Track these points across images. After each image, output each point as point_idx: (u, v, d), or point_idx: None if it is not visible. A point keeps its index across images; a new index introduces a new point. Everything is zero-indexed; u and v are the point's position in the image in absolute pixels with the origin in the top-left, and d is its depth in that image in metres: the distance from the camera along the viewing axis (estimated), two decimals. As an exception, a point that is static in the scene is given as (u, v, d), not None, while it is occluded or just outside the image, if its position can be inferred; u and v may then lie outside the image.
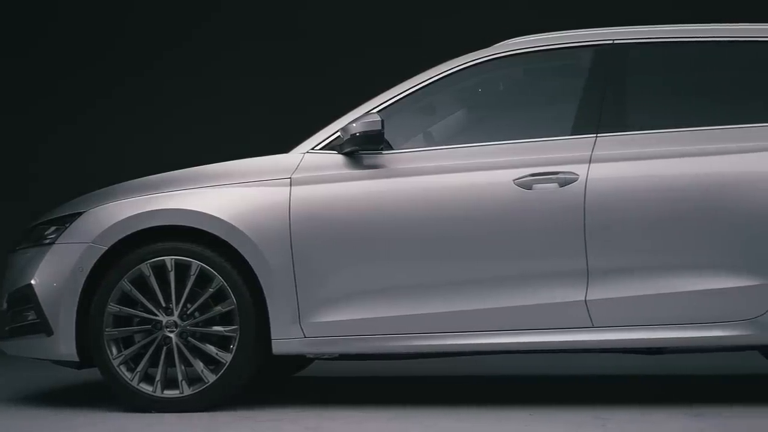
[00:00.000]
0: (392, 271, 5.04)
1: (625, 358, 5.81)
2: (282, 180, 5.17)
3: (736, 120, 5.09)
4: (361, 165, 5.17)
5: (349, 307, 5.06)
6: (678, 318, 4.93)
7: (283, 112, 9.00)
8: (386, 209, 5.07)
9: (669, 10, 8.49)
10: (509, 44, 5.39)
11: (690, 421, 4.74)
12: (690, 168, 4.99)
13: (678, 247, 4.93)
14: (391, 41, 9.05)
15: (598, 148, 5.06)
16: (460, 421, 4.88)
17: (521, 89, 5.54)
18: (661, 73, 5.34)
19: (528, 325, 5.00)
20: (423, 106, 5.36)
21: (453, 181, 5.08)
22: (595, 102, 5.15)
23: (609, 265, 4.94)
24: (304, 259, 5.07)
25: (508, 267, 5.00)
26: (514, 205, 5.02)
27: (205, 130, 9.15)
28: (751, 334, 4.92)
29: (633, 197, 4.97)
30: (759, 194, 4.93)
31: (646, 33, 5.30)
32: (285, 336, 5.09)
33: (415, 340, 5.05)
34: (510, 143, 5.15)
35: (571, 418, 4.86)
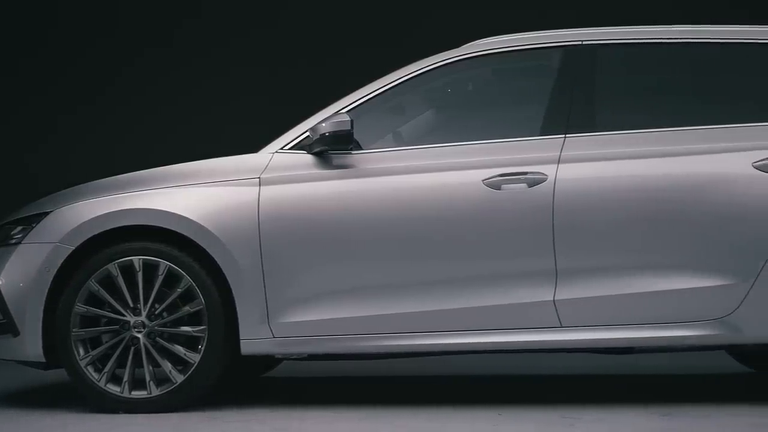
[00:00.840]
0: (361, 272, 5.04)
1: (594, 358, 5.84)
2: (251, 180, 5.16)
3: (704, 121, 5.12)
4: (330, 165, 5.16)
5: (319, 307, 5.06)
6: (646, 318, 4.96)
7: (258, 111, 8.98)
8: (355, 209, 5.07)
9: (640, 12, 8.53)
10: (479, 45, 5.40)
11: (658, 421, 4.76)
12: (658, 168, 5.01)
13: (646, 248, 4.96)
14: (363, 41, 9.04)
15: (567, 149, 5.08)
16: (429, 421, 4.88)
17: (490, 89, 5.55)
18: (630, 74, 5.36)
19: (497, 325, 5.01)
20: (392, 106, 5.36)
21: (422, 181, 5.08)
22: (564, 102, 5.17)
23: (577, 265, 4.96)
24: (273, 259, 5.06)
25: (476, 267, 5.01)
26: (483, 206, 5.03)
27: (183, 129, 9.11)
28: (718, 334, 4.95)
29: (601, 198, 4.99)
30: (726, 195, 4.96)
31: (614, 34, 5.32)
32: (254, 336, 5.08)
33: (384, 340, 5.05)
34: (479, 143, 5.16)
35: (539, 418, 4.87)
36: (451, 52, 5.37)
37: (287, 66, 9.09)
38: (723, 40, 5.24)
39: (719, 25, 5.33)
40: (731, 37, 5.24)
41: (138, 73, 9.27)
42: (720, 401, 5.17)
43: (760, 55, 5.22)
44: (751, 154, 5.00)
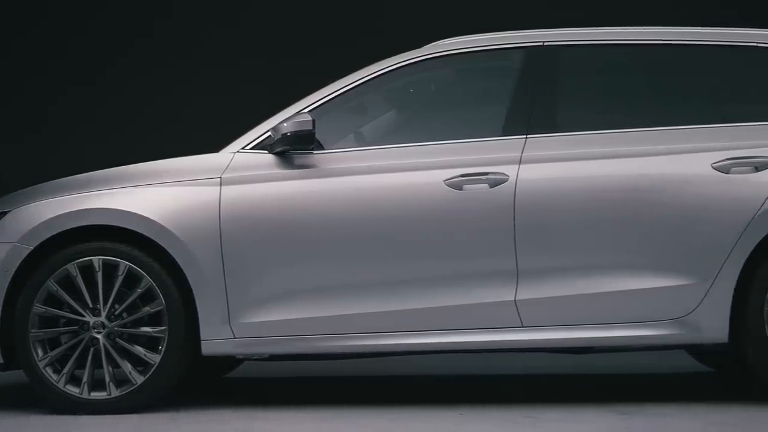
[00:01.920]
0: (323, 272, 5.03)
1: (555, 358, 5.86)
2: (212, 180, 5.14)
3: (664, 122, 5.16)
4: (291, 165, 5.15)
5: (280, 307, 5.05)
6: (606, 318, 4.98)
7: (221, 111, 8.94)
8: (317, 209, 5.06)
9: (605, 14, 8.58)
10: (441, 45, 5.41)
11: (617, 420, 4.79)
12: (619, 169, 5.04)
13: (606, 248, 4.99)
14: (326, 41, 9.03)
15: (528, 149, 5.10)
16: (392, 421, 4.88)
17: (453, 90, 5.56)
18: (592, 75, 5.39)
19: (458, 324, 5.02)
20: (354, 106, 5.36)
21: (384, 181, 5.08)
22: (526, 103, 5.19)
23: (538, 266, 4.98)
24: (235, 260, 5.05)
25: (438, 267, 5.02)
26: (445, 206, 5.04)
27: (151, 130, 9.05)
28: (677, 334, 4.98)
29: (562, 198, 5.01)
30: (686, 195, 4.99)
31: (576, 35, 5.35)
32: (214, 337, 5.06)
33: (346, 340, 5.04)
34: (441, 144, 5.17)
35: (501, 417, 4.88)
36: (413, 52, 5.37)
37: (249, 66, 9.06)
38: (684, 42, 5.28)
39: (680, 27, 5.37)
40: (692, 39, 5.28)
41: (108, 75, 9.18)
42: (679, 401, 5.21)
43: (720, 57, 5.26)
44: (710, 155, 5.04)
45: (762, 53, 5.21)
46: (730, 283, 4.94)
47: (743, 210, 4.95)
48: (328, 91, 5.30)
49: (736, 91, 5.27)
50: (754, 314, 4.95)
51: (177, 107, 9.09)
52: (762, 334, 4.94)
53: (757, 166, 5.00)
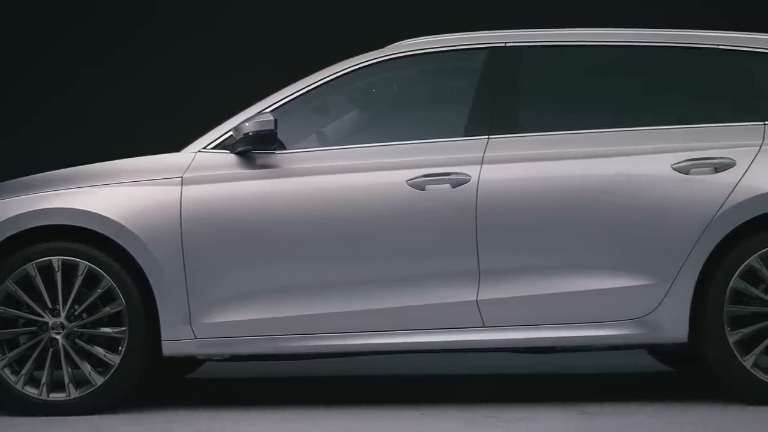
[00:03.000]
0: (284, 272, 5.02)
1: (516, 357, 5.87)
2: (173, 179, 5.11)
3: (625, 123, 5.18)
4: (253, 165, 5.13)
5: (241, 307, 5.03)
6: (567, 317, 5.01)
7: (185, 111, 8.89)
8: (278, 209, 5.05)
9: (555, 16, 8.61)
10: (404, 45, 5.41)
11: (578, 420, 4.81)
12: (580, 170, 5.06)
13: (568, 248, 5.01)
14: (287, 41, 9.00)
15: (490, 150, 5.11)
16: (354, 421, 4.88)
17: (415, 90, 5.56)
18: (554, 76, 5.41)
19: (421, 324, 5.03)
20: (317, 106, 5.35)
21: (346, 182, 5.08)
22: (488, 104, 5.20)
23: (500, 266, 5.00)
24: (196, 260, 5.02)
25: (401, 267, 5.02)
26: (408, 206, 5.04)
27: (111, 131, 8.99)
28: (638, 333, 5.01)
29: (524, 198, 5.03)
30: (647, 196, 5.02)
31: (538, 36, 5.37)
32: (175, 337, 5.03)
33: (308, 340, 5.04)
34: (403, 144, 5.17)
35: (463, 417, 4.89)
36: (376, 52, 5.37)
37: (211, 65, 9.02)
38: (644, 43, 5.31)
39: (641, 29, 5.39)
40: (653, 41, 5.31)
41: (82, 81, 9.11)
42: (639, 400, 5.23)
43: (681, 58, 5.29)
44: (670, 156, 5.07)
45: (721, 55, 5.25)
46: (690, 284, 4.98)
47: (703, 211, 4.99)
48: (290, 90, 5.28)
49: (697, 93, 5.31)
50: (714, 314, 4.98)
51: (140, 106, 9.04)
52: (721, 334, 4.98)
53: (716, 167, 5.04)
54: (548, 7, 8.69)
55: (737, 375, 4.98)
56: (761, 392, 4.97)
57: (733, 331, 4.98)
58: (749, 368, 4.97)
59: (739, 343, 4.98)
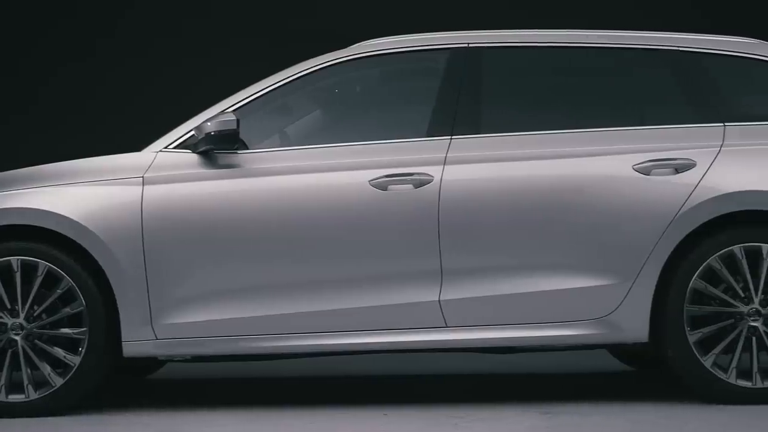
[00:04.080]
0: (246, 272, 5.00)
1: (479, 357, 5.89)
2: (134, 179, 5.08)
3: (587, 124, 5.21)
4: (215, 164, 5.11)
5: (203, 308, 5.01)
6: (529, 317, 5.02)
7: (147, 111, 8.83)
8: (240, 209, 5.03)
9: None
10: (367, 45, 5.41)
11: (538, 419, 4.82)
12: (542, 170, 5.08)
13: (529, 248, 5.02)
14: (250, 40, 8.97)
15: (453, 150, 5.12)
16: (316, 422, 4.87)
17: (378, 90, 5.56)
18: (516, 77, 5.42)
19: (383, 325, 5.03)
20: (279, 106, 5.33)
21: (309, 182, 5.07)
22: (451, 104, 5.21)
23: (462, 266, 5.00)
24: (157, 260, 5.00)
25: (364, 267, 5.02)
26: (370, 206, 5.04)
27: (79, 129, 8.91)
28: (599, 333, 5.04)
29: (486, 199, 5.04)
30: (608, 197, 5.05)
31: (500, 37, 5.38)
32: (136, 338, 5.00)
33: (270, 341, 5.02)
34: (366, 144, 5.17)
35: (425, 417, 4.90)
36: (339, 52, 5.36)
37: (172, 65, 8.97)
38: (606, 44, 5.33)
39: (603, 31, 5.42)
40: (614, 42, 5.34)
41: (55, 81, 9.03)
42: (600, 399, 5.26)
43: (642, 60, 5.33)
44: (631, 157, 5.10)
45: (682, 56, 5.29)
46: (650, 284, 5.01)
47: (664, 211, 5.02)
48: (252, 90, 5.27)
49: (658, 94, 5.34)
50: (674, 314, 5.02)
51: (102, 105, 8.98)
52: (682, 333, 5.01)
53: (677, 168, 5.08)
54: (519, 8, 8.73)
55: (697, 374, 5.02)
56: (721, 391, 5.01)
57: (693, 331, 5.02)
58: (709, 368, 5.00)
59: (699, 343, 5.02)
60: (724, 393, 5.01)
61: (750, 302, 5.01)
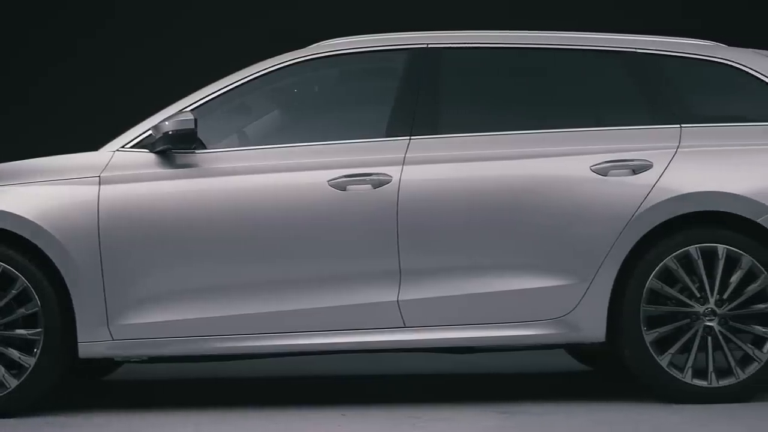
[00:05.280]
0: (204, 273, 4.98)
1: (437, 357, 5.90)
2: (90, 178, 5.04)
3: (546, 125, 5.23)
4: (173, 164, 5.08)
5: (160, 308, 4.98)
6: (488, 317, 5.04)
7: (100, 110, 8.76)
8: (198, 209, 5.01)
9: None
10: (325, 45, 5.40)
11: (497, 419, 4.84)
12: (501, 171, 5.10)
13: (488, 248, 5.04)
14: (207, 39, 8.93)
15: (412, 150, 5.12)
16: (274, 422, 4.86)
17: (336, 90, 5.55)
18: (475, 78, 5.44)
19: (341, 325, 5.02)
20: (238, 106, 5.31)
21: (267, 182, 5.05)
22: (409, 104, 5.21)
23: (421, 266, 5.01)
24: (113, 260, 4.96)
25: (322, 268, 5.01)
26: (329, 206, 5.03)
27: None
28: (557, 333, 5.06)
29: (445, 199, 5.05)
30: (565, 197, 5.07)
31: (459, 38, 5.39)
32: (92, 339, 4.96)
33: (228, 341, 5.00)
34: (325, 144, 5.16)
35: (383, 417, 4.90)
36: (297, 52, 5.35)
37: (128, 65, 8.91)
38: (564, 46, 5.36)
39: (561, 32, 5.45)
40: (572, 44, 5.36)
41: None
42: (558, 399, 5.29)
43: (600, 61, 5.35)
44: (589, 158, 5.12)
45: (639, 58, 5.32)
46: (607, 284, 5.04)
47: (621, 212, 5.05)
48: (211, 89, 5.25)
49: (615, 95, 5.37)
50: (631, 314, 5.05)
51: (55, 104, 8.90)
52: (638, 333, 5.04)
53: (634, 169, 5.11)
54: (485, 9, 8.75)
55: (654, 374, 5.05)
56: (677, 390, 5.05)
57: (650, 331, 5.05)
58: (665, 367, 5.04)
59: (655, 343, 5.06)
60: (680, 392, 5.05)
61: (705, 302, 5.05)
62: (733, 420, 4.75)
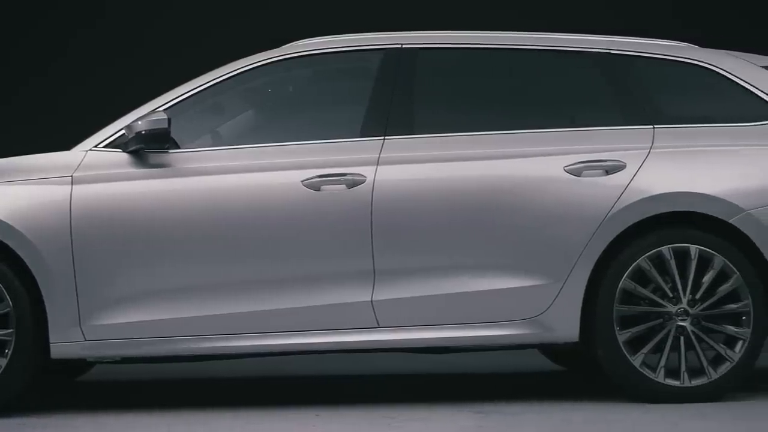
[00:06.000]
0: (177, 273, 4.96)
1: (412, 358, 5.90)
2: (63, 178, 5.02)
3: (520, 125, 5.24)
4: (146, 164, 5.06)
5: (132, 309, 4.96)
6: (462, 318, 5.04)
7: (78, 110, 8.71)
8: (171, 209, 4.99)
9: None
10: (299, 45, 5.39)
11: (472, 419, 4.84)
12: (475, 171, 5.10)
13: (462, 249, 5.04)
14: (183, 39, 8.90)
15: (386, 151, 5.12)
16: (249, 423, 4.85)
17: (311, 90, 5.55)
18: (450, 78, 5.44)
19: (316, 325, 5.01)
20: (211, 106, 5.30)
21: (241, 182, 5.04)
22: (384, 104, 5.21)
23: (395, 266, 5.01)
24: (86, 260, 4.94)
25: (296, 268, 5.00)
26: (303, 206, 5.03)
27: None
28: (531, 333, 5.07)
29: (419, 199, 5.05)
30: (539, 197, 5.08)
31: (434, 38, 5.40)
32: (64, 339, 4.94)
33: (201, 342, 4.99)
34: (299, 144, 5.15)
35: (358, 417, 4.90)
36: (271, 51, 5.34)
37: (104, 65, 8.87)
38: (539, 47, 5.37)
39: (536, 33, 5.46)
40: (547, 45, 5.38)
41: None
42: (532, 399, 5.30)
43: (575, 61, 5.37)
44: (563, 159, 5.14)
45: (612, 59, 5.34)
46: (581, 284, 5.05)
47: (594, 212, 5.07)
48: (184, 89, 5.23)
49: (589, 96, 5.39)
50: (604, 314, 5.06)
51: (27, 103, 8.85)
52: (611, 333, 5.06)
53: (607, 170, 5.13)
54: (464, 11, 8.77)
55: (627, 374, 5.07)
56: (649, 390, 5.07)
57: (623, 331, 5.07)
58: (638, 367, 5.06)
59: (628, 343, 5.07)
60: (652, 392, 5.07)
61: (678, 302, 5.07)
62: (706, 419, 4.77)
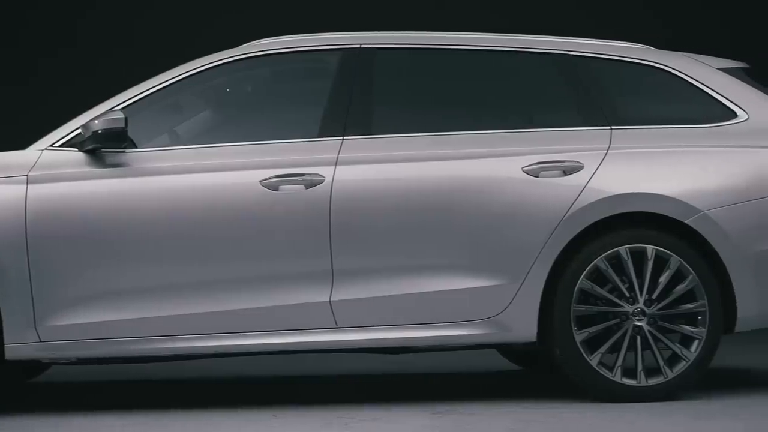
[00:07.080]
0: (133, 273, 4.93)
1: (370, 358, 5.90)
2: (18, 177, 4.97)
3: (478, 126, 5.25)
4: (102, 163, 5.02)
5: (89, 309, 4.92)
6: (420, 318, 5.05)
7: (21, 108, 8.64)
8: (128, 209, 4.95)
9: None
10: (257, 45, 5.37)
11: (429, 419, 4.85)
12: (433, 171, 5.11)
13: (420, 249, 5.05)
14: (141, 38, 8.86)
15: (344, 151, 5.12)
16: (205, 424, 4.83)
17: (269, 90, 5.53)
18: (408, 78, 5.45)
19: (273, 326, 5.00)
20: (169, 105, 5.27)
21: (198, 182, 5.01)
22: (342, 105, 5.20)
23: (353, 267, 5.01)
24: (41, 261, 4.89)
25: (254, 268, 4.99)
26: (261, 206, 5.01)
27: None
28: (488, 333, 5.09)
29: (377, 199, 5.05)
30: (497, 198, 5.10)
31: (393, 38, 5.40)
32: (19, 340, 4.89)
33: (157, 342, 4.96)
34: (257, 144, 5.14)
35: (315, 418, 4.89)
36: (229, 51, 5.32)
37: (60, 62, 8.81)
38: (497, 48, 5.39)
39: (495, 34, 5.48)
40: (505, 46, 5.39)
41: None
42: (490, 399, 5.31)
43: (533, 63, 5.39)
44: (521, 159, 5.16)
45: (570, 60, 5.37)
46: (538, 284, 5.07)
47: (552, 212, 5.09)
48: (142, 88, 5.20)
49: (547, 97, 5.42)
50: (561, 314, 5.09)
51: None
52: (568, 333, 5.09)
53: (565, 171, 5.15)
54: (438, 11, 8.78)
55: (584, 373, 5.10)
56: (606, 390, 5.11)
57: (580, 331, 5.10)
58: (595, 366, 5.09)
59: (585, 342, 5.10)
60: (609, 391, 5.10)
61: (635, 302, 5.11)
62: (662, 418, 4.81)
